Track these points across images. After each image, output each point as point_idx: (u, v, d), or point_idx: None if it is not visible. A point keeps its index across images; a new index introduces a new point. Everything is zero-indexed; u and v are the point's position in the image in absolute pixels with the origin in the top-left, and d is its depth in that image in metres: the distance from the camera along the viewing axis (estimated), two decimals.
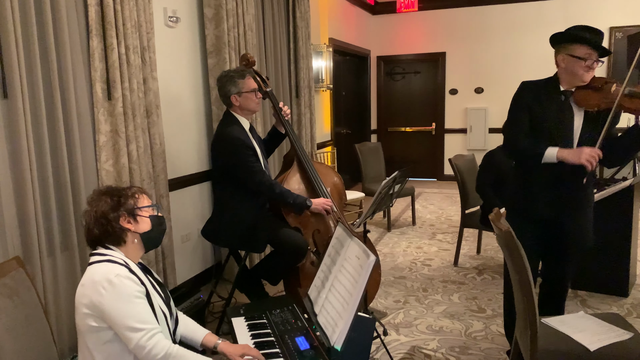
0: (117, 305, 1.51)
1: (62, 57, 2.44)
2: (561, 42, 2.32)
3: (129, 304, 1.52)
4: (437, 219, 5.84)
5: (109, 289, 1.51)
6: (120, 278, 1.53)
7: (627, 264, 3.39)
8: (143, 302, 1.56)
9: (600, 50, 2.25)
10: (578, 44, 2.25)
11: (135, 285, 1.55)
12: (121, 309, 1.51)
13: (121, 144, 2.76)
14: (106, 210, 1.62)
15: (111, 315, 1.51)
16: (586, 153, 2.19)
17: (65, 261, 2.52)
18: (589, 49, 2.23)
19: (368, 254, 1.56)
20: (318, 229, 2.96)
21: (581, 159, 2.19)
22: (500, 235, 1.98)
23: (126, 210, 1.65)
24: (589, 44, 2.23)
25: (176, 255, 3.37)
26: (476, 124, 7.84)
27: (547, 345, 1.98)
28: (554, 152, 2.26)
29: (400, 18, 8.09)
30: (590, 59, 2.23)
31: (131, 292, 1.53)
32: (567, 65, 2.29)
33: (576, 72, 2.27)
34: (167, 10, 3.32)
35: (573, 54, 2.25)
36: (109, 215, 1.61)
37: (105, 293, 1.51)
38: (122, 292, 1.51)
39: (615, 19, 6.88)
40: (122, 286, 1.52)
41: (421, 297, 3.54)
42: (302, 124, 5.06)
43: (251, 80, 2.86)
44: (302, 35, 4.95)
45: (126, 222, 1.64)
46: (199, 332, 1.82)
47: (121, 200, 1.65)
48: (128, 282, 1.54)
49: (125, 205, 1.65)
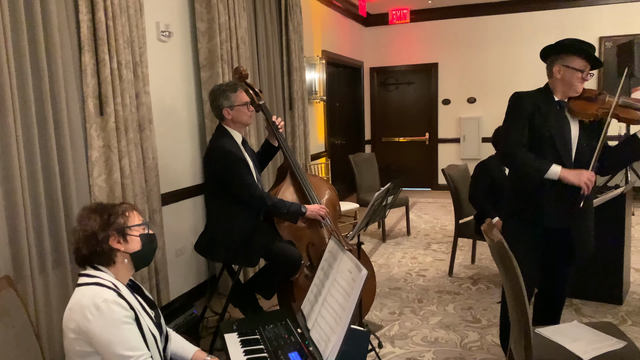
0: (105, 331, 1.47)
1: (54, 73, 2.44)
2: (558, 52, 2.34)
3: (117, 331, 1.49)
4: (432, 228, 5.84)
5: (96, 314, 1.48)
6: (108, 303, 1.49)
7: (620, 272, 3.39)
8: (131, 328, 1.53)
9: (594, 63, 2.29)
10: (575, 56, 2.28)
11: (124, 311, 1.52)
12: (109, 336, 1.48)
13: (114, 159, 2.75)
14: (95, 229, 1.58)
15: (99, 342, 1.48)
16: (585, 176, 2.23)
17: (57, 278, 2.50)
18: (584, 61, 2.28)
19: (360, 267, 1.56)
20: (312, 242, 2.96)
21: (581, 181, 2.23)
22: (492, 246, 1.99)
23: (116, 229, 1.61)
24: (586, 55, 2.27)
25: (170, 270, 3.35)
26: (469, 134, 7.88)
27: (542, 355, 1.98)
28: (558, 170, 2.26)
29: (393, 30, 8.16)
30: (586, 71, 2.28)
31: (119, 317, 1.50)
32: (563, 76, 2.32)
33: (572, 83, 2.30)
34: (160, 24, 3.33)
35: (570, 65, 2.28)
36: (98, 235, 1.58)
37: (92, 319, 1.48)
38: (109, 318, 1.48)
39: (605, 29, 6.97)
40: (110, 312, 1.49)
41: (416, 308, 3.53)
42: (296, 135, 5.07)
43: (243, 93, 2.87)
44: (295, 47, 4.98)
45: (116, 242, 1.61)
46: (188, 349, 1.81)
47: (111, 219, 1.62)
48: (116, 308, 1.50)
49: (115, 224, 1.62)
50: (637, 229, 5.35)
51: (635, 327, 3.09)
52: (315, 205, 2.90)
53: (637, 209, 6.12)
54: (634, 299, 3.52)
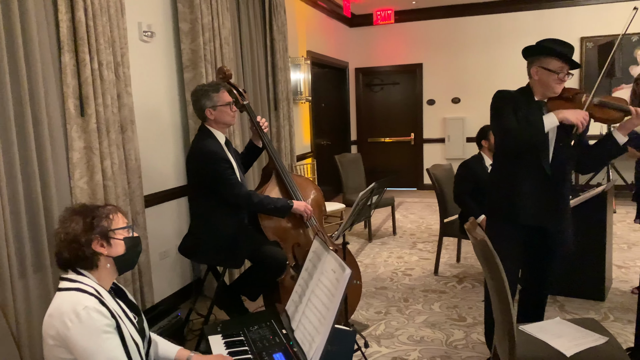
0: (85, 341, 1.43)
1: (33, 73, 2.40)
2: (534, 54, 2.36)
3: (97, 340, 1.44)
4: (418, 228, 5.86)
5: (76, 322, 1.43)
6: (89, 311, 1.45)
7: (602, 269, 3.44)
8: (112, 337, 1.48)
9: (571, 64, 2.30)
10: (551, 57, 2.29)
11: (104, 319, 1.47)
12: (89, 344, 1.43)
13: (95, 161, 2.72)
14: (78, 232, 1.53)
15: (78, 351, 1.44)
16: (581, 115, 2.23)
17: (38, 282, 2.46)
18: (561, 63, 2.28)
19: (344, 267, 1.56)
20: (298, 243, 2.95)
21: (578, 119, 2.22)
22: (476, 245, 2.00)
23: (99, 233, 1.57)
24: (562, 57, 2.28)
25: (154, 273, 3.31)
26: (454, 134, 7.94)
27: (526, 352, 1.99)
28: (553, 117, 2.26)
29: (378, 30, 8.19)
30: (563, 72, 2.29)
31: (99, 326, 1.45)
32: (540, 78, 2.34)
33: (549, 84, 2.32)
34: (142, 25, 3.30)
35: (546, 67, 2.30)
36: (80, 238, 1.53)
37: (72, 326, 1.43)
38: (90, 326, 1.44)
39: (586, 30, 7.07)
40: (90, 320, 1.44)
41: (402, 308, 3.54)
42: (282, 136, 5.05)
43: (226, 93, 2.84)
44: (280, 48, 4.97)
45: (99, 245, 1.57)
46: (171, 350, 1.78)
47: (94, 222, 1.57)
48: (97, 316, 1.45)
49: (99, 227, 1.57)
50: (618, 226, 5.43)
51: (617, 323, 3.13)
52: (301, 202, 2.89)
53: (618, 206, 6.22)
54: (615, 295, 3.57)
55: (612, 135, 2.30)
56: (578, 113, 2.24)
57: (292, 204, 2.81)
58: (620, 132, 2.28)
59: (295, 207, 2.83)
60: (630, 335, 2.92)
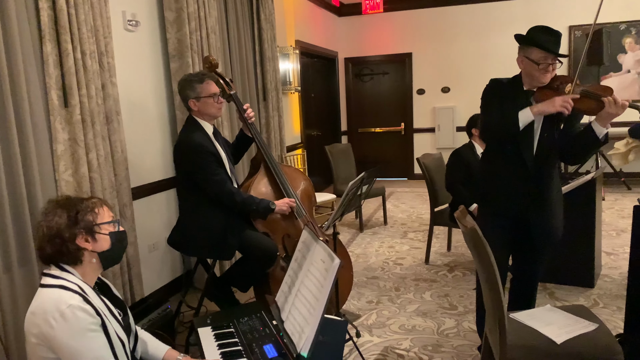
0: (70, 340, 1.40)
1: (13, 64, 2.33)
2: (521, 43, 2.34)
3: (82, 339, 1.41)
4: (409, 217, 5.87)
5: (60, 321, 1.39)
6: (73, 309, 1.41)
7: (592, 256, 3.46)
8: (97, 336, 1.45)
9: (555, 54, 2.24)
10: (533, 47, 2.25)
11: (89, 318, 1.43)
12: (74, 344, 1.40)
13: (80, 153, 2.67)
14: (61, 227, 1.48)
15: (63, 350, 1.40)
16: (558, 100, 2.18)
17: (23, 276, 2.41)
18: (543, 53, 2.22)
19: (333, 257, 1.54)
20: (288, 234, 2.93)
21: (556, 107, 2.18)
22: (466, 233, 1.99)
23: (84, 228, 1.51)
24: (543, 48, 2.22)
25: (143, 266, 3.28)
26: (444, 123, 7.93)
27: (516, 339, 1.99)
28: (528, 112, 2.25)
29: (367, 19, 8.13)
30: (545, 62, 2.23)
31: (84, 325, 1.41)
32: (524, 67, 2.33)
33: (532, 74, 2.29)
34: (126, 13, 3.23)
35: (529, 57, 2.27)
36: (64, 233, 1.48)
37: (56, 325, 1.39)
38: (74, 326, 1.40)
39: (575, 18, 7.07)
40: (75, 319, 1.40)
41: (394, 297, 3.54)
42: (271, 127, 5.01)
43: (210, 84, 2.77)
44: (268, 37, 4.91)
45: (83, 240, 1.52)
46: (160, 349, 1.75)
47: (78, 217, 1.51)
48: (81, 315, 1.41)
49: (83, 222, 1.52)
50: (607, 213, 5.47)
51: (607, 309, 3.15)
52: (283, 199, 2.87)
53: (607, 194, 6.27)
54: (605, 282, 3.59)
55: (591, 126, 2.21)
56: (556, 100, 2.18)
57: (274, 206, 2.79)
58: (598, 123, 2.18)
59: (278, 208, 2.81)
60: (620, 321, 2.94)
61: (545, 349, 1.94)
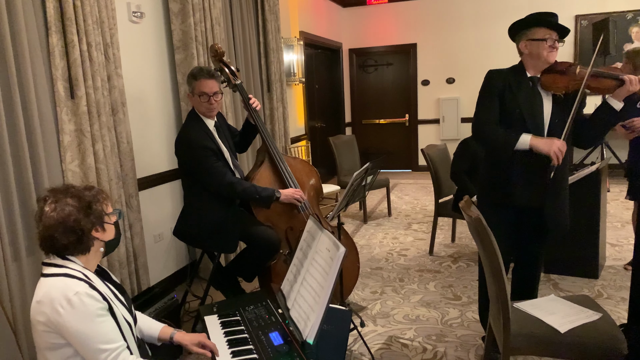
0: (79, 326, 1.41)
1: (20, 56, 2.35)
2: (519, 29, 2.37)
3: (91, 325, 1.42)
4: (413, 209, 5.88)
5: (68, 308, 1.40)
6: (80, 296, 1.42)
7: (596, 247, 3.46)
8: (106, 320, 1.46)
9: (558, 30, 2.29)
10: (536, 27, 2.30)
11: (97, 303, 1.45)
12: (84, 330, 1.41)
13: (87, 144, 2.69)
14: (79, 218, 1.47)
15: (73, 336, 1.42)
16: (556, 145, 2.22)
17: (31, 265, 2.45)
18: (547, 30, 2.28)
19: (338, 245, 1.55)
20: (291, 227, 2.93)
21: (551, 150, 2.22)
22: (470, 223, 2.00)
23: (96, 218, 1.52)
24: (546, 24, 2.28)
25: (149, 256, 3.31)
26: (448, 114, 7.91)
27: (520, 329, 2.01)
28: (527, 139, 2.28)
29: (371, 10, 8.09)
30: (551, 38, 2.28)
31: (93, 310, 1.43)
32: (530, 50, 2.33)
33: (540, 54, 2.30)
34: (131, 5, 3.23)
35: (534, 38, 2.30)
36: (83, 225, 1.47)
37: (64, 312, 1.40)
38: (83, 312, 1.41)
39: (581, 7, 7.00)
40: (83, 306, 1.41)
41: (398, 287, 3.56)
42: (275, 118, 5.02)
43: (202, 83, 2.71)
44: (272, 28, 4.90)
45: (95, 231, 1.53)
46: (155, 327, 1.78)
47: (92, 207, 1.51)
48: (89, 301, 1.43)
49: (96, 212, 1.52)
50: (612, 205, 5.46)
51: (611, 300, 3.16)
52: (289, 189, 2.85)
53: (612, 185, 6.25)
54: (609, 273, 3.60)
55: (608, 102, 2.27)
56: (553, 143, 2.22)
57: (280, 194, 2.76)
58: (615, 99, 2.25)
59: (284, 197, 2.77)
60: (624, 312, 2.95)
61: (549, 338, 1.95)
